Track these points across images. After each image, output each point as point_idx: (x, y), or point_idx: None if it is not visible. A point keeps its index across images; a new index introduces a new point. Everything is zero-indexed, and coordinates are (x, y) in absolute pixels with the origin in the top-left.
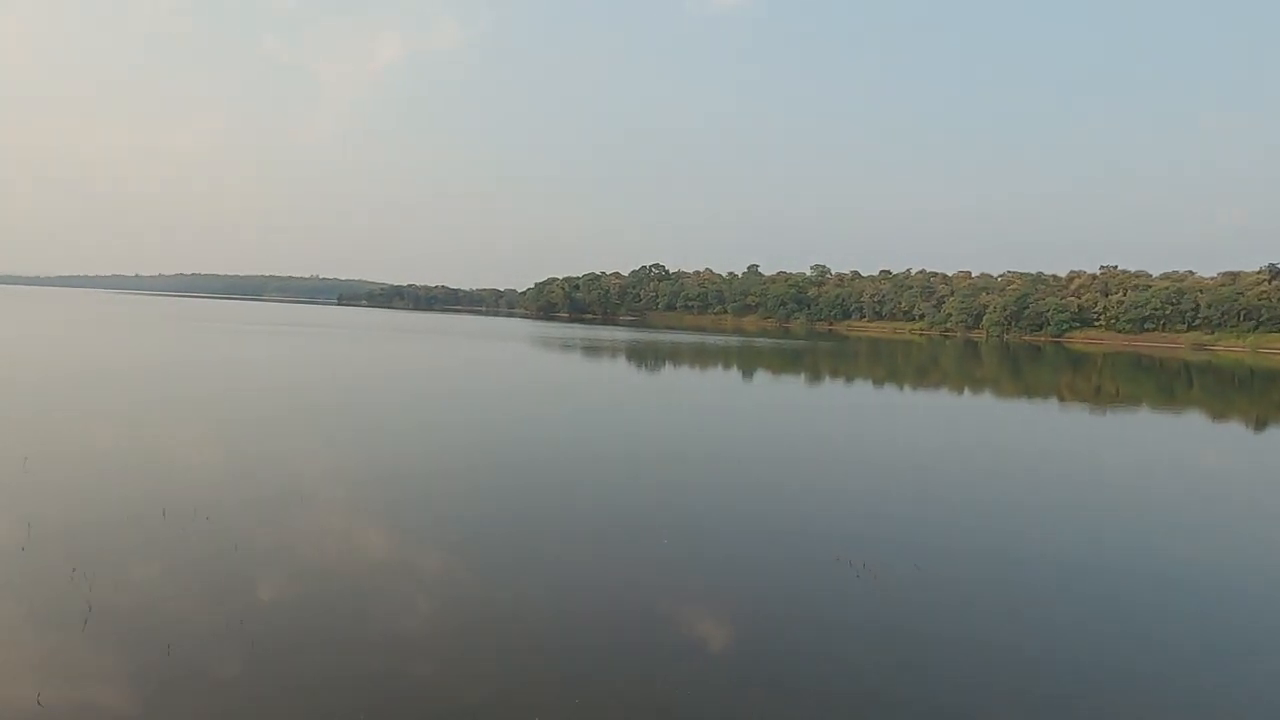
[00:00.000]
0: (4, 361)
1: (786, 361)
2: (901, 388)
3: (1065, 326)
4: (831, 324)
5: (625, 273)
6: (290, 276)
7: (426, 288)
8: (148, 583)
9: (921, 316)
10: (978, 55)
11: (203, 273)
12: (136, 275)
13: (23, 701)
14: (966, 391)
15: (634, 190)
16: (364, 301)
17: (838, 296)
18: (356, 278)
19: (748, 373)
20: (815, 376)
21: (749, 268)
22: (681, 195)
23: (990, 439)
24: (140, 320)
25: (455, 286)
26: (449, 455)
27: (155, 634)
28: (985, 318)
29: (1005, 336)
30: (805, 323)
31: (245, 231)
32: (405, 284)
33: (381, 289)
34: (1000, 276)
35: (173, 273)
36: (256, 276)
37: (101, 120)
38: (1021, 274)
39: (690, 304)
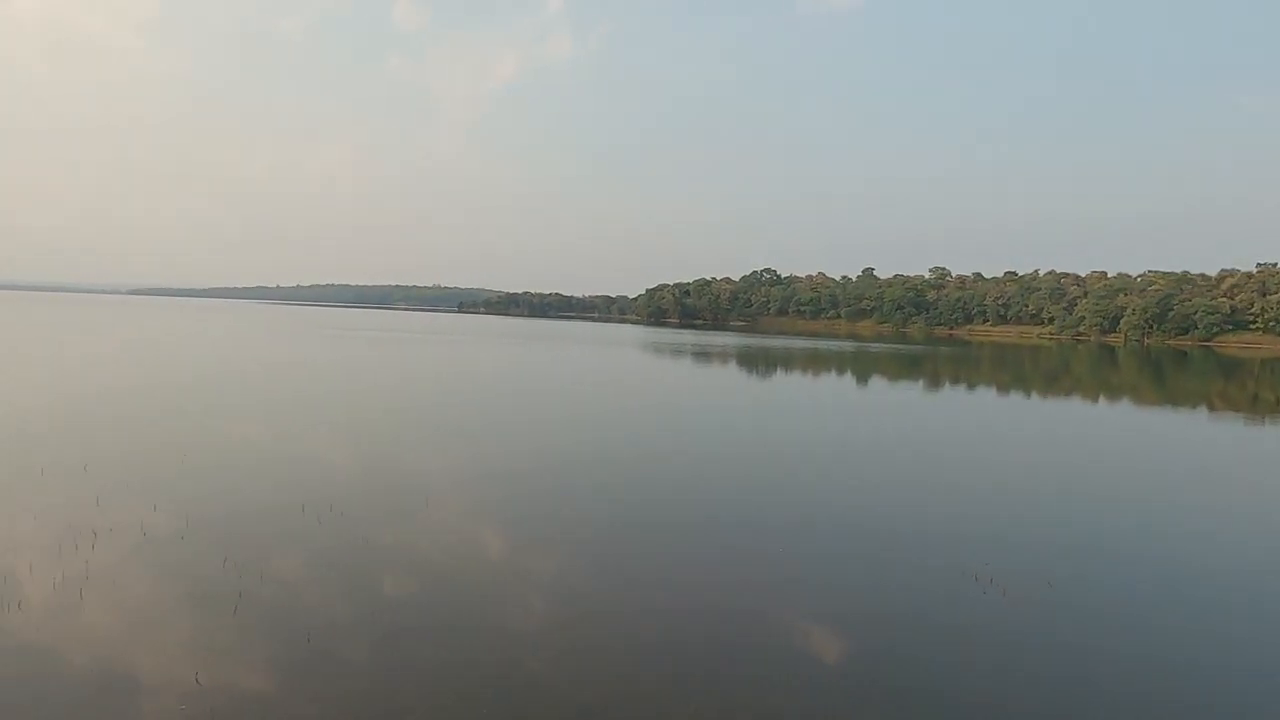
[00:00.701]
0: (168, 366)
1: (904, 367)
2: (1029, 394)
3: (1215, 330)
4: (952, 329)
5: (736, 278)
6: (415, 286)
7: (541, 295)
8: (289, 573)
9: (1050, 320)
10: (1116, 48)
11: (336, 283)
12: (277, 286)
13: (184, 679)
14: (1103, 399)
15: (745, 195)
16: (482, 309)
17: (958, 300)
18: (476, 286)
19: (862, 378)
20: (935, 383)
21: (864, 271)
22: (794, 199)
23: (1132, 451)
24: (282, 328)
25: (569, 294)
26: (566, 456)
27: (297, 622)
28: (1123, 320)
29: (1145, 341)
30: (924, 327)
31: (374, 243)
32: (521, 291)
33: (499, 296)
34: (1139, 276)
35: (309, 284)
36: (385, 286)
37: (247, 146)
38: (1164, 273)
39: (802, 309)
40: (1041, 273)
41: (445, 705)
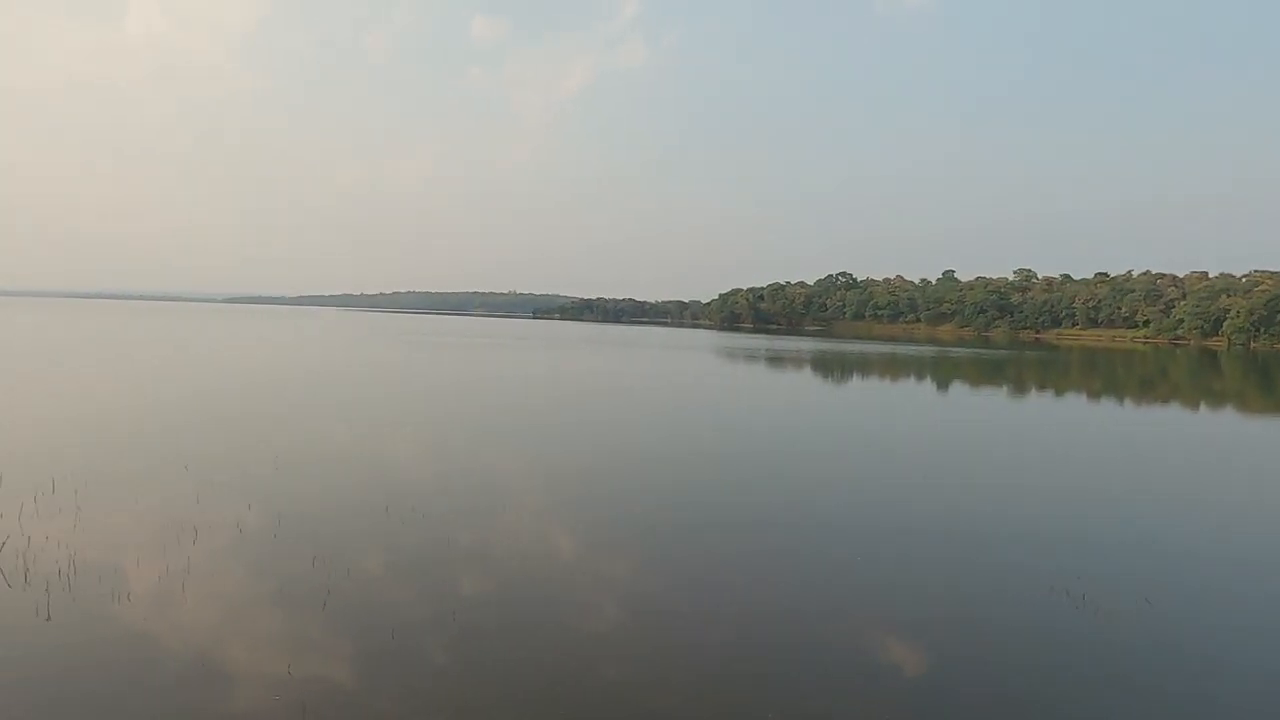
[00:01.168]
0: (264, 370)
1: (987, 372)
2: (1123, 401)
3: None
4: (1038, 333)
5: (810, 281)
6: (491, 292)
7: (614, 300)
8: (373, 571)
9: (1145, 323)
10: (1225, 36)
11: (416, 290)
12: (361, 294)
13: (276, 670)
14: (1205, 407)
15: (819, 198)
16: (556, 315)
17: (1045, 303)
18: (550, 292)
19: (943, 383)
20: (1020, 388)
21: (944, 273)
22: (870, 202)
23: (1238, 461)
24: (366, 334)
25: (641, 299)
26: (640, 458)
27: (381, 619)
28: (1226, 323)
29: (1251, 345)
30: (1008, 331)
31: (452, 251)
32: (594, 298)
33: (572, 303)
34: (1244, 277)
35: (390, 291)
36: (462, 293)
37: (332, 159)
38: (1271, 273)
39: (879, 313)
40: (1135, 273)
41: (521, 705)
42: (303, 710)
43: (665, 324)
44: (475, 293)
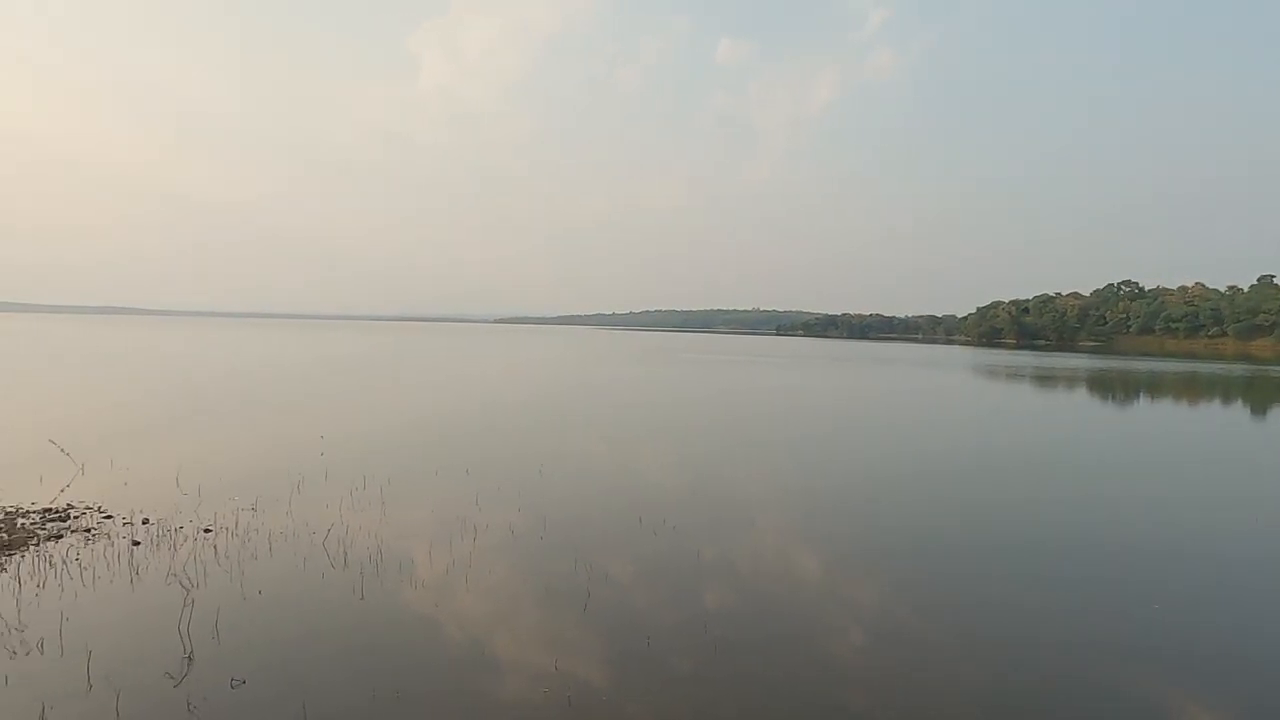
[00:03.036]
0: (531, 384)
1: None
2: None
3: None
4: None
5: (1085, 292)
6: (734, 310)
7: (860, 316)
8: (630, 578)
9: None
10: None
11: (663, 308)
12: (613, 313)
13: (544, 665)
14: None
15: (1091, 199)
16: (800, 331)
17: None
18: (793, 308)
19: (1259, 408)
20: None
21: (1259, 279)
22: (1155, 201)
23: None
24: (620, 351)
25: (890, 314)
26: (891, 478)
27: (638, 624)
28: None
29: None
30: None
31: (696, 269)
32: (839, 313)
33: (816, 318)
34: None
35: (640, 309)
36: (706, 310)
37: (586, 187)
38: None
39: (1173, 326)
40: None
41: None
42: (568, 705)
43: (916, 340)
44: (719, 310)
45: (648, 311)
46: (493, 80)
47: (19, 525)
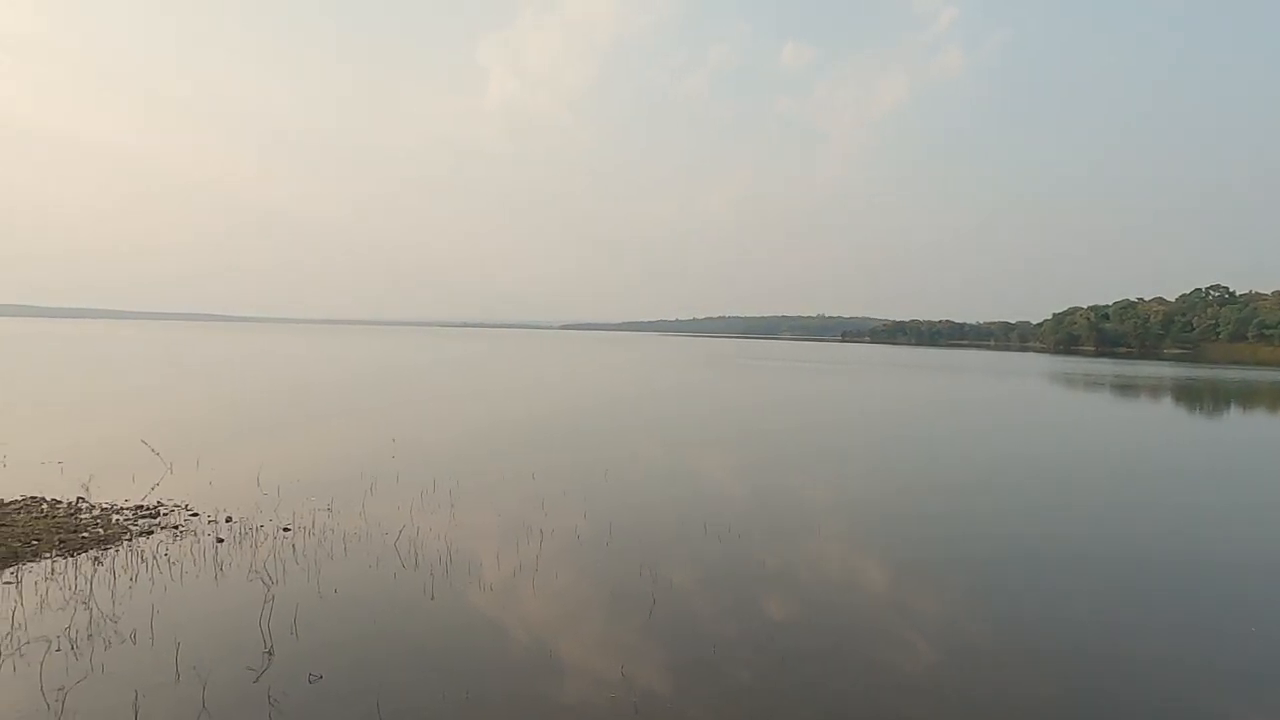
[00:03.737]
0: (595, 391)
1: None
2: None
3: None
4: None
5: (1170, 297)
6: (799, 316)
7: (930, 322)
8: (694, 585)
9: None
10: None
11: (727, 315)
12: (676, 320)
13: (610, 671)
14: None
15: (1176, 199)
16: (866, 338)
17: None
18: (859, 315)
19: None
20: None
21: None
22: (1256, 200)
23: None
24: (684, 359)
25: (960, 320)
26: (960, 489)
27: (702, 633)
28: None
29: None
30: None
31: (760, 275)
32: (907, 319)
33: (884, 325)
34: None
35: (703, 316)
36: (770, 317)
37: (651, 194)
38: None
39: (1268, 333)
40: None
41: None
42: (634, 711)
43: (988, 347)
44: (783, 316)
45: (710, 318)
46: (558, 91)
47: (114, 521)
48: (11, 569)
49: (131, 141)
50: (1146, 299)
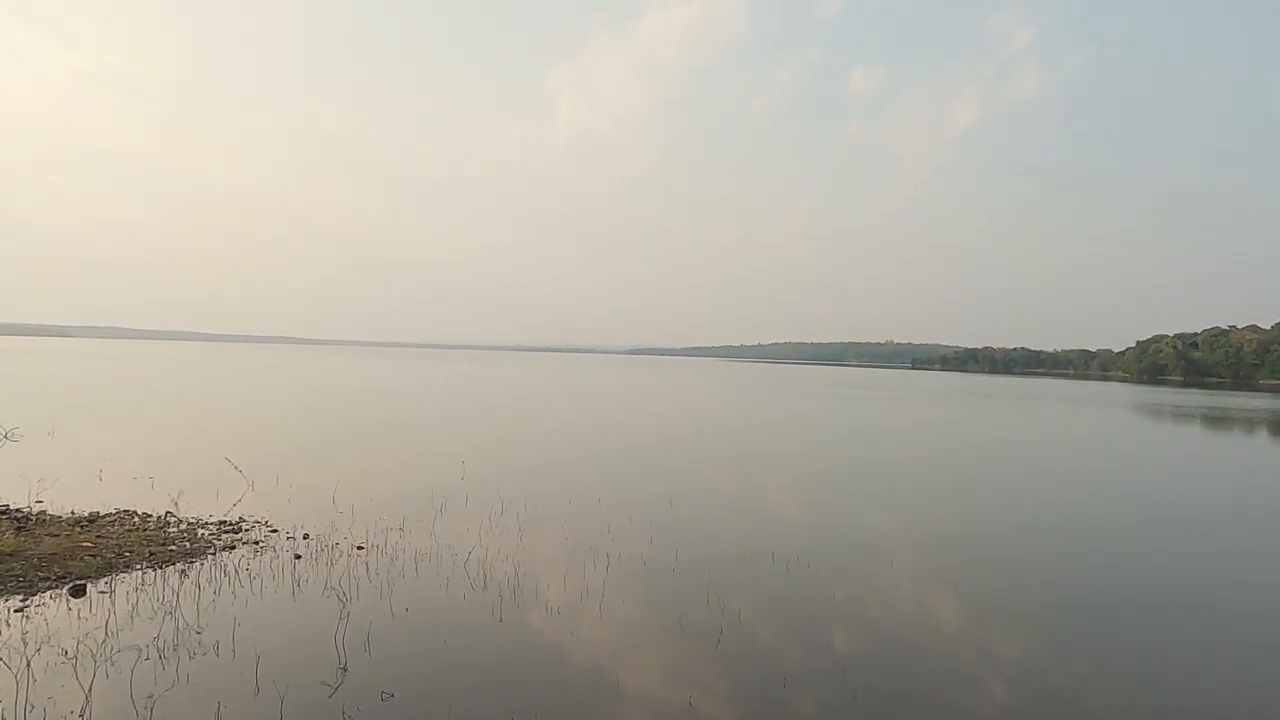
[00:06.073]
0: (664, 418)
1: None
2: None
3: None
4: None
5: (1265, 325)
6: (867, 342)
7: (1004, 350)
8: (762, 617)
9: None
10: None
11: (793, 341)
12: (741, 345)
13: (679, 701)
14: None
15: (1268, 225)
16: (937, 365)
17: None
18: (929, 341)
19: None
20: None
21: None
22: None
23: None
24: (753, 386)
25: (1036, 348)
26: (1033, 523)
27: (771, 666)
28: None
29: None
30: None
31: (827, 301)
32: (980, 346)
33: (955, 352)
34: None
35: (769, 342)
36: (837, 344)
37: (718, 218)
38: None
39: None
40: None
41: None
42: None
43: (1067, 375)
44: (850, 343)
45: (777, 344)
46: (620, 119)
47: (199, 535)
48: (106, 579)
49: (245, 183)
50: (1239, 327)
